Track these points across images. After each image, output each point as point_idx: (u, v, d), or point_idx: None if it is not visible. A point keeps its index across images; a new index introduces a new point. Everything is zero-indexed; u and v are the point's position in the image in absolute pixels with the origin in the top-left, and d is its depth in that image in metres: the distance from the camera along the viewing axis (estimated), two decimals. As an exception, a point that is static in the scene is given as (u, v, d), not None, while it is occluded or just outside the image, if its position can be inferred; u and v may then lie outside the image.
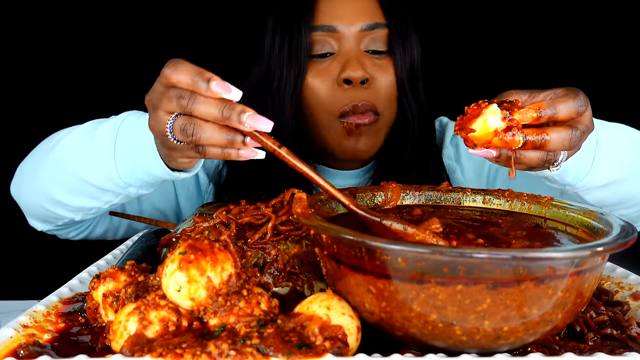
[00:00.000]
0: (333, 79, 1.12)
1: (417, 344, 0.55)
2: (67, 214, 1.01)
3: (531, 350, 0.56)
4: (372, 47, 1.13)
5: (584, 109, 0.68)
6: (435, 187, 0.77)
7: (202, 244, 0.58)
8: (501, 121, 0.64)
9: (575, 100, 0.67)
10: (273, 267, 0.68)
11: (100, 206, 0.97)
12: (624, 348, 0.60)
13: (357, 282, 0.54)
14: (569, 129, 0.67)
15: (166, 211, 1.28)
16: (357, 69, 1.09)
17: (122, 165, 0.87)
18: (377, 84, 1.13)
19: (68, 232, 1.16)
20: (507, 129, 0.64)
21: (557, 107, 0.66)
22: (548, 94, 0.69)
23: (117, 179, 0.88)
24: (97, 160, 0.89)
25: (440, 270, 0.49)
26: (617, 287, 0.76)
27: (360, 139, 1.13)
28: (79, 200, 0.96)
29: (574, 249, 0.51)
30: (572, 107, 0.67)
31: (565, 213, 0.67)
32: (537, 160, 0.68)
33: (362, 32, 1.12)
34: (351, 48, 1.12)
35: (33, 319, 0.64)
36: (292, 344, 0.51)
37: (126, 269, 0.66)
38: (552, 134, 0.66)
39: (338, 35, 1.12)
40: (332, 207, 0.68)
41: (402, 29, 1.15)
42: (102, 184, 0.91)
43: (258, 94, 1.16)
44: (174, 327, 0.55)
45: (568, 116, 0.67)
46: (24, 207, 1.09)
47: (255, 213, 0.73)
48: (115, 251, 0.91)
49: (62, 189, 0.96)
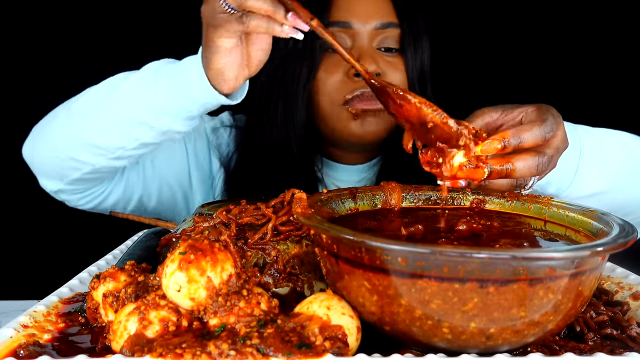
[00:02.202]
0: (344, 72, 1.15)
1: (417, 344, 0.55)
2: (89, 157, 1.01)
3: (531, 350, 0.56)
4: (384, 45, 1.16)
5: (552, 134, 0.66)
6: (435, 187, 0.76)
7: (202, 244, 0.58)
8: (463, 157, 0.63)
9: (541, 127, 0.65)
10: (273, 268, 0.68)
11: (126, 145, 0.98)
12: (624, 348, 0.60)
13: (357, 282, 0.54)
14: (536, 156, 0.65)
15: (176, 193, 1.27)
16: (370, 63, 1.12)
17: (162, 88, 0.90)
18: (389, 79, 1.15)
19: (80, 198, 1.15)
20: (469, 164, 0.63)
21: (522, 136, 0.64)
22: (520, 111, 0.68)
23: (153, 105, 0.91)
24: (133, 91, 0.93)
25: (440, 269, 0.49)
26: (617, 287, 0.76)
27: (366, 121, 1.15)
28: (107, 138, 0.98)
29: (574, 249, 0.51)
30: (538, 134, 0.65)
31: (565, 213, 0.67)
32: (506, 186, 0.68)
33: (376, 30, 1.15)
34: (364, 44, 1.15)
35: (33, 319, 0.63)
36: (292, 344, 0.52)
37: (126, 269, 0.66)
38: (517, 163, 0.64)
39: (352, 32, 1.15)
40: (332, 207, 0.68)
41: (414, 29, 1.18)
42: (136, 114, 0.93)
43: (272, 85, 1.19)
44: (174, 327, 0.55)
45: (534, 143, 0.65)
46: (38, 163, 1.10)
47: (255, 213, 0.73)
48: (115, 251, 0.91)
49: (89, 129, 0.98)
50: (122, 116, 0.95)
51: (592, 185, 0.89)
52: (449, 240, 0.60)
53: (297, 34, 0.78)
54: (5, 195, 1.71)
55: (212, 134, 1.29)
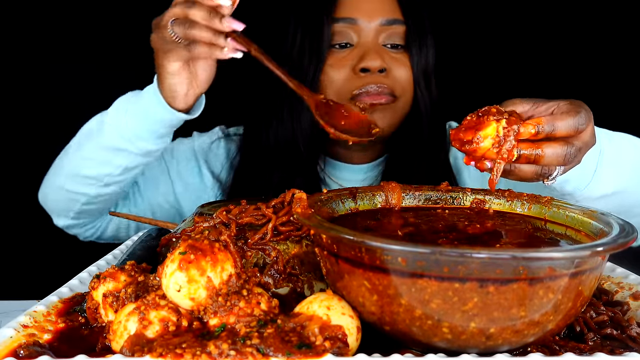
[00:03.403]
0: (351, 67, 1.17)
1: (417, 344, 0.55)
2: (83, 188, 1.13)
3: (531, 350, 0.56)
4: (389, 41, 1.19)
5: (584, 126, 0.67)
6: (435, 187, 0.76)
7: (202, 244, 0.58)
8: (497, 136, 0.64)
9: (576, 117, 0.66)
10: (273, 269, 0.68)
11: (112, 172, 1.09)
12: (624, 348, 0.60)
13: (357, 281, 0.54)
14: (565, 145, 0.66)
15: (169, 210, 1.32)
16: (376, 59, 1.14)
17: (130, 115, 1.02)
18: (394, 74, 1.18)
19: (85, 230, 1.26)
20: (503, 143, 0.64)
21: (556, 124, 0.65)
22: (551, 105, 0.68)
23: (126, 132, 1.02)
24: (109, 123, 1.05)
25: (440, 269, 0.49)
26: (617, 287, 0.76)
27: (375, 116, 1.16)
28: (94, 169, 1.09)
29: (574, 249, 0.51)
30: (571, 124, 0.66)
31: (565, 213, 0.67)
32: (531, 174, 0.68)
33: (381, 27, 1.18)
34: (370, 40, 1.17)
35: (33, 319, 0.63)
36: (292, 344, 0.52)
37: (126, 269, 0.66)
38: (547, 150, 0.65)
39: (358, 28, 1.17)
40: (332, 207, 0.68)
41: (419, 27, 1.20)
42: (114, 142, 1.04)
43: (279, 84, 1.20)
44: (174, 327, 0.55)
45: (566, 133, 0.66)
46: (48, 203, 1.23)
47: (255, 213, 0.73)
48: (115, 251, 0.91)
49: (78, 162, 1.11)
50: (103, 146, 1.07)
51: (609, 185, 0.90)
52: (449, 240, 0.60)
53: (237, 53, 0.91)
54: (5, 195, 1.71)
55: (203, 150, 1.34)
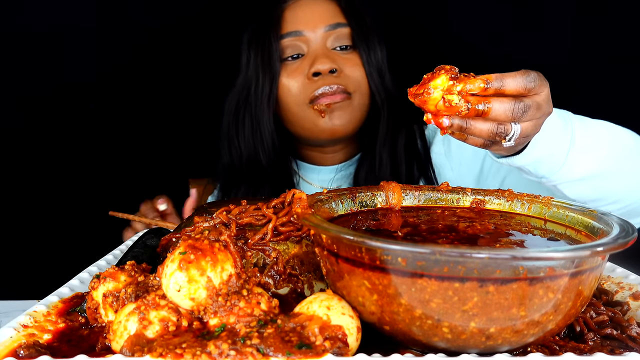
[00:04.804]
0: (304, 75, 1.26)
1: (417, 344, 0.55)
2: None
3: (531, 350, 0.56)
4: (337, 43, 1.28)
5: (534, 86, 0.69)
6: (435, 187, 0.77)
7: (202, 244, 0.58)
8: (448, 88, 0.66)
9: (524, 76, 0.68)
10: (273, 269, 0.68)
11: None
12: (624, 348, 0.60)
13: (357, 281, 0.54)
14: (512, 100, 0.68)
15: None
16: (324, 62, 1.24)
17: None
18: (346, 73, 1.27)
19: None
20: (450, 93, 0.66)
21: (505, 80, 0.67)
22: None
23: None
24: None
25: (440, 269, 0.49)
26: (617, 287, 0.76)
27: (334, 115, 1.26)
28: None
29: (573, 249, 0.51)
30: (520, 82, 0.68)
31: (565, 213, 0.67)
32: (487, 131, 0.69)
33: (326, 32, 1.27)
34: (318, 47, 1.27)
35: (33, 319, 0.64)
36: (292, 344, 0.52)
37: (126, 269, 0.66)
38: (495, 103, 0.67)
39: (305, 39, 1.28)
40: (332, 207, 0.68)
41: (363, 27, 1.29)
42: None
43: (240, 101, 1.33)
44: (174, 327, 0.55)
45: (515, 90, 0.68)
46: None
47: (255, 213, 0.73)
48: (115, 251, 0.91)
49: None
50: None
51: (583, 169, 0.92)
52: (448, 240, 0.60)
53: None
54: (5, 195, 1.71)
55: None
